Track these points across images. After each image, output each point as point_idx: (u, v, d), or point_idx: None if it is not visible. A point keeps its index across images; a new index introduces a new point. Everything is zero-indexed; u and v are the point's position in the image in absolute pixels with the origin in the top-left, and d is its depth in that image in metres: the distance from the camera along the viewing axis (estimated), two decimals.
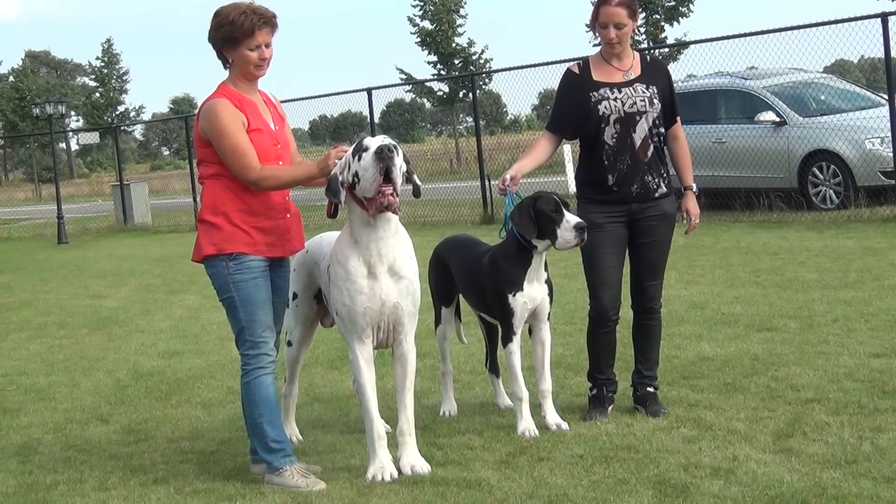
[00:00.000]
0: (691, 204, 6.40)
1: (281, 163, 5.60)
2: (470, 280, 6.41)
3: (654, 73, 6.29)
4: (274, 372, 5.60)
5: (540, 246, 6.00)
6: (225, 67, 5.64)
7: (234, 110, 5.44)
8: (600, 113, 6.12)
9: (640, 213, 6.22)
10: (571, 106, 6.24)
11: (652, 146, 6.18)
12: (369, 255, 5.43)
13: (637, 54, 6.33)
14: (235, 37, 5.45)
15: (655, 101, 6.18)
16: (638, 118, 6.14)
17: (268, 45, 5.52)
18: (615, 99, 6.13)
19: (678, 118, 6.38)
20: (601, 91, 6.15)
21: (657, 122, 6.19)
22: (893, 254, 11.29)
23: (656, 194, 6.22)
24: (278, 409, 5.66)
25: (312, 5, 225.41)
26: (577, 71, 6.28)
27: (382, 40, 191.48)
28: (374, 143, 5.32)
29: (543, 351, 6.18)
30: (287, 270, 5.85)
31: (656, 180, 6.22)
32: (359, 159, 5.31)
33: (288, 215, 5.67)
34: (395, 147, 5.33)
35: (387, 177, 5.25)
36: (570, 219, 5.91)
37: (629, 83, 6.18)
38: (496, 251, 6.21)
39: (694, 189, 6.42)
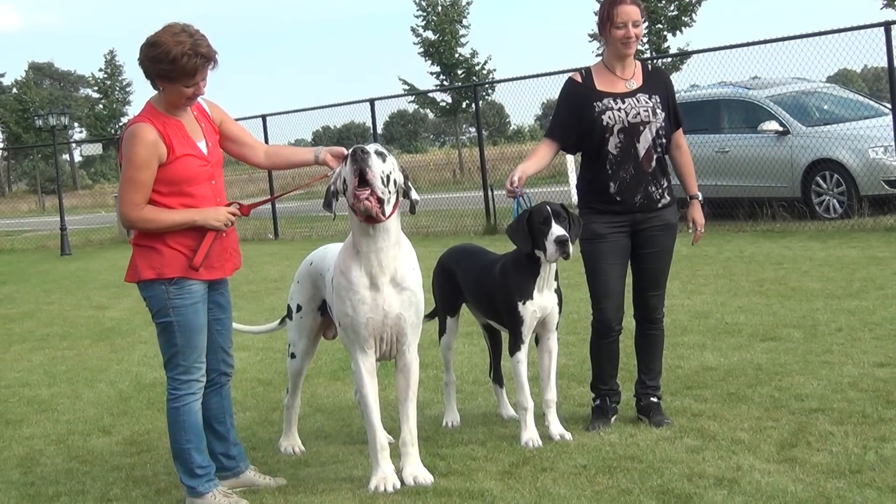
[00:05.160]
0: (697, 213, 6.39)
1: (214, 181, 5.41)
2: (478, 288, 6.40)
3: (656, 82, 6.28)
4: (201, 397, 5.48)
5: (543, 257, 5.98)
6: (155, 89, 5.36)
7: (153, 142, 5.17)
8: (604, 123, 6.10)
9: (644, 223, 6.20)
10: (573, 115, 6.21)
11: (655, 156, 6.17)
12: (371, 266, 5.39)
13: (638, 63, 6.31)
14: (174, 77, 5.18)
15: (658, 111, 6.16)
16: (642, 128, 6.12)
17: (203, 79, 5.29)
18: (619, 109, 6.11)
19: (680, 127, 6.38)
20: (605, 101, 6.13)
21: (661, 132, 6.17)
22: None
23: (659, 204, 6.21)
24: (203, 434, 5.49)
25: (314, 14, 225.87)
26: (579, 80, 6.25)
27: (385, 51, 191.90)
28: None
29: (550, 360, 6.17)
30: (226, 286, 5.66)
31: (659, 190, 6.20)
32: (345, 165, 5.27)
33: (223, 234, 5.43)
34: (380, 153, 5.24)
35: (362, 179, 5.17)
36: (554, 231, 5.86)
37: (632, 93, 6.16)
38: (507, 259, 6.18)
39: (699, 198, 6.42)
